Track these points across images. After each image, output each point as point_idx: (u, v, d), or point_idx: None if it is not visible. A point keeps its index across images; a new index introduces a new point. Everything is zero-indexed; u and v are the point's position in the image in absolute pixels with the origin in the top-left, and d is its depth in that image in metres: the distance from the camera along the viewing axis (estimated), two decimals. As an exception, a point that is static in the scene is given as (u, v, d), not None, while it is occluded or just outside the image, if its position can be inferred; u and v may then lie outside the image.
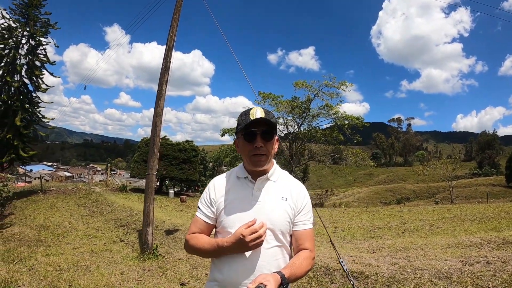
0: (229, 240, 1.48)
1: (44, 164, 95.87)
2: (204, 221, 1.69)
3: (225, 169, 37.76)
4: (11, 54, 16.35)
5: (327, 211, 17.93)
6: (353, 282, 2.72)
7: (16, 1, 16.77)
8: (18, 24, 16.65)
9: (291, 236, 1.68)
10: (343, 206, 30.22)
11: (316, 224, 9.49)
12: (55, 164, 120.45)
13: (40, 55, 17.48)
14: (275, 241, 1.60)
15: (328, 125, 31.54)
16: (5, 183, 11.19)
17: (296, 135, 31.10)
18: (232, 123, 31.28)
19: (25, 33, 16.82)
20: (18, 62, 16.60)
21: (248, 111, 1.61)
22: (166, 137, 25.35)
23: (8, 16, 16.60)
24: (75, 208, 13.50)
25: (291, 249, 1.70)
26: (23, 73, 16.99)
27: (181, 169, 23.74)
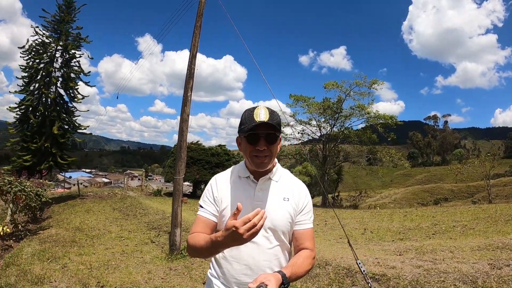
0: (222, 234, 1.37)
1: (83, 171, 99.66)
2: (209, 219, 1.65)
3: None
4: (46, 68, 17.31)
5: (358, 213, 17.67)
6: (370, 284, 2.75)
7: (48, 18, 17.80)
8: (51, 40, 17.77)
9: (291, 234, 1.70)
10: (378, 208, 29.68)
11: (345, 226, 9.53)
12: (94, 170, 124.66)
13: (74, 67, 18.43)
14: (277, 240, 1.62)
15: (361, 125, 31.15)
16: (44, 188, 11.87)
17: (329, 137, 30.85)
18: None
19: (59, 47, 17.84)
20: (53, 74, 17.57)
21: (252, 111, 1.57)
22: (198, 142, 25.91)
23: (41, 33, 17.63)
24: (110, 211, 14.00)
25: (291, 246, 1.71)
26: (58, 84, 17.96)
27: (214, 173, 23.91)
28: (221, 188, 1.69)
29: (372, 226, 11.71)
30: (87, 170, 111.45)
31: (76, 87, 18.48)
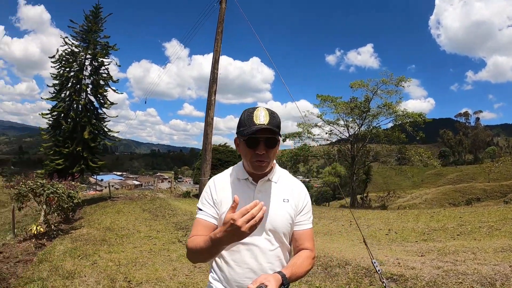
0: (220, 229, 1.34)
1: (114, 174, 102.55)
2: (209, 222, 1.62)
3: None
4: (76, 76, 18.05)
5: (384, 214, 17.49)
6: (385, 284, 2.83)
7: (76, 29, 18.59)
8: (80, 49, 18.51)
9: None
10: (407, 208, 29.10)
11: (370, 226, 9.52)
12: (124, 173, 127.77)
13: (103, 74, 19.11)
14: (278, 242, 1.62)
15: (390, 124, 30.68)
16: (76, 190, 12.42)
17: (357, 136, 30.56)
18: (295, 128, 31.49)
19: (88, 56, 18.54)
20: (83, 82, 18.29)
21: (252, 113, 1.54)
22: (226, 144, 26.35)
23: (70, 42, 18.42)
24: (140, 212, 14.37)
25: (291, 246, 1.72)
26: (88, 91, 18.69)
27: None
28: (220, 190, 1.67)
29: (397, 227, 11.60)
30: (118, 173, 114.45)
31: (105, 94, 19.18)
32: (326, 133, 31.64)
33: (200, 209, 1.66)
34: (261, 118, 1.50)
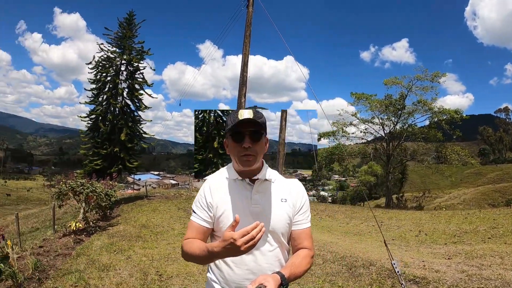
0: (218, 245, 1.37)
1: (152, 174, 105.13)
2: (201, 225, 1.64)
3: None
4: (112, 80, 18.88)
5: (417, 214, 17.17)
6: (404, 285, 2.88)
7: (111, 35, 19.45)
8: (116, 55, 19.30)
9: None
10: (444, 209, 28.15)
11: (401, 227, 9.42)
12: (161, 173, 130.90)
13: (138, 79, 19.85)
14: (277, 242, 1.63)
15: (426, 122, 29.84)
16: (113, 189, 13.04)
17: (393, 135, 29.95)
18: (330, 127, 31.14)
19: (123, 61, 19.31)
20: (119, 86, 19.10)
21: (236, 112, 1.60)
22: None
23: (106, 49, 19.30)
24: (175, 211, 14.79)
25: (289, 245, 1.74)
26: (124, 95, 19.48)
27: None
28: (215, 192, 1.66)
29: (428, 228, 11.56)
30: (155, 173, 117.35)
31: (140, 97, 19.92)
32: (361, 132, 31.18)
33: (194, 212, 1.67)
34: (245, 114, 1.55)
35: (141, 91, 19.92)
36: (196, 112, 19.76)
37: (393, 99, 28.93)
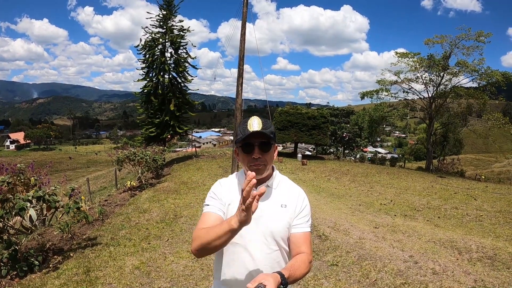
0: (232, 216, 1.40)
1: (212, 131, 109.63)
2: (217, 214, 1.66)
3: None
4: (159, 59, 21.94)
5: (420, 183, 17.38)
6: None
7: (153, 18, 22.25)
8: (159, 35, 22.15)
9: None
10: (483, 177, 26.80)
11: (381, 194, 11.78)
12: (222, 129, 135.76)
13: (182, 54, 22.75)
14: (276, 246, 1.67)
15: (470, 84, 28.70)
16: (163, 153, 16.18)
17: (437, 95, 29.14)
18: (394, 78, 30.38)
19: (166, 41, 22.14)
20: (166, 63, 22.10)
21: (246, 122, 1.64)
22: (297, 107, 28.80)
23: (150, 31, 22.28)
24: (216, 169, 17.28)
25: (289, 249, 1.74)
26: (171, 69, 22.52)
27: (311, 135, 26.59)
28: (225, 191, 1.74)
29: (401, 199, 12.77)
30: (216, 129, 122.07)
31: (186, 70, 22.99)
32: (404, 92, 30.62)
33: (208, 205, 1.71)
34: (254, 125, 1.60)
35: (186, 64, 22.90)
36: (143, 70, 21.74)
37: (436, 59, 28.08)
